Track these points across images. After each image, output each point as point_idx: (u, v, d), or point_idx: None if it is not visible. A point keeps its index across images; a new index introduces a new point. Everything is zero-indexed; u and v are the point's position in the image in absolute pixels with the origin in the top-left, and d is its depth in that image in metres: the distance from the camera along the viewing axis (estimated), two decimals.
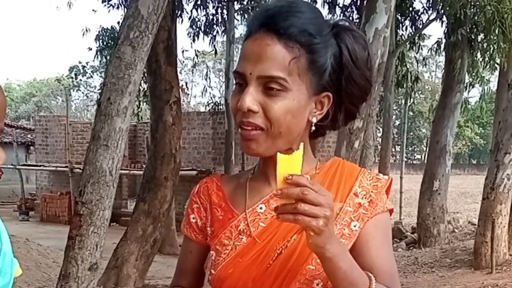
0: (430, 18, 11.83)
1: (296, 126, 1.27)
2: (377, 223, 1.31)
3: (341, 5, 11.63)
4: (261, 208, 1.35)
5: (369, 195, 1.33)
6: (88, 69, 17.34)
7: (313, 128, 1.32)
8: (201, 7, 11.29)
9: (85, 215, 4.71)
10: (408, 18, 12.03)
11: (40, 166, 17.25)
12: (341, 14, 11.30)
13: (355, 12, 11.52)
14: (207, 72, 17.50)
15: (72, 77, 19.36)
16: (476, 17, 10.23)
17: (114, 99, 4.68)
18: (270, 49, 1.24)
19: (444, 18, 11.17)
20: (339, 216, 1.30)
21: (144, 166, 12.64)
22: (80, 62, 20.38)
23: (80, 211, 4.72)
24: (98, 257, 4.81)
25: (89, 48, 12.48)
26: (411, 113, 38.90)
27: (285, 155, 1.12)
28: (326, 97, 1.30)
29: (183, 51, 14.56)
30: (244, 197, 1.39)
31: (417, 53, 14.62)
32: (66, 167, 15.75)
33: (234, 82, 1.33)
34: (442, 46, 11.78)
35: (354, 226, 1.30)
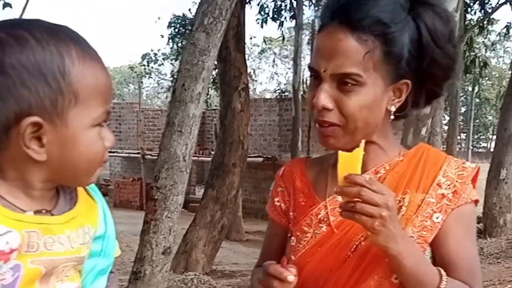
0: (500, 2, 11.35)
1: (373, 119, 1.25)
2: (460, 215, 1.28)
3: None
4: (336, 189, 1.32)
5: (454, 185, 1.29)
6: (159, 56, 17.67)
7: (392, 117, 1.29)
8: None
9: (160, 200, 4.77)
10: (477, 2, 11.59)
11: (114, 152, 17.70)
12: None
13: None
14: (274, 59, 17.46)
15: (144, 65, 19.81)
16: None
17: (188, 85, 4.70)
18: (343, 45, 1.20)
19: None
20: (421, 208, 1.27)
21: (212, 152, 12.81)
22: (151, 50, 20.82)
23: (154, 196, 4.78)
24: (171, 241, 4.88)
25: (161, 35, 12.69)
26: (477, 100, 37.58)
27: (346, 152, 1.15)
28: (405, 85, 1.26)
29: (251, 38, 14.58)
30: (326, 184, 1.38)
31: (485, 38, 14.07)
32: (138, 153, 16.09)
33: (310, 75, 1.30)
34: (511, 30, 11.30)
35: (437, 218, 1.27)
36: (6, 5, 7.61)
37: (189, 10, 12.42)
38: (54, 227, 1.01)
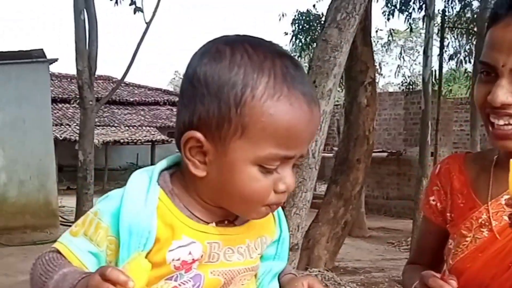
0: None
1: None
2: None
3: None
4: (505, 200, 1.23)
5: None
6: None
7: None
8: None
9: (288, 196, 4.79)
10: None
11: None
12: None
13: None
14: (401, 51, 16.98)
15: None
16: None
17: (319, 82, 4.68)
18: None
19: None
20: None
21: (333, 148, 12.76)
22: None
23: None
24: (299, 238, 4.90)
25: (285, 32, 12.76)
26: None
27: None
28: None
29: (376, 31, 14.27)
30: (488, 185, 1.30)
31: None
32: None
33: (479, 70, 1.23)
34: None
35: None
36: (137, 9, 8.04)
37: (314, 6, 12.35)
38: (236, 238, 1.03)
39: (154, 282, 0.96)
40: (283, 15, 13.55)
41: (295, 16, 12.25)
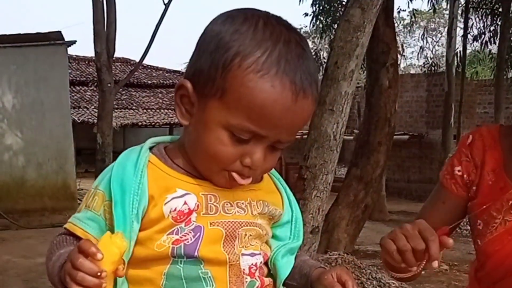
0: None
1: None
2: None
3: None
4: None
5: None
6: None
7: None
8: None
9: (309, 179, 4.73)
10: None
11: None
12: None
13: None
14: (423, 32, 16.69)
15: None
16: None
17: (341, 63, 4.58)
18: None
19: None
20: None
21: (354, 131, 12.62)
22: None
23: (304, 175, 4.75)
24: (320, 220, 4.84)
25: (305, 13, 12.60)
26: None
27: None
28: None
29: (398, 12, 14.03)
30: None
31: None
32: None
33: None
34: None
35: None
36: None
37: None
38: (234, 193, 1.05)
39: (157, 238, 1.00)
40: None
41: None
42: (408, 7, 22.07)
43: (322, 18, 11.81)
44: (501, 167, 1.27)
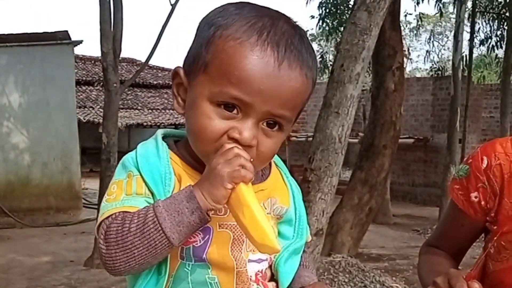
0: None
1: None
2: None
3: None
4: None
5: None
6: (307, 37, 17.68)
7: None
8: None
9: (313, 181, 4.73)
10: None
11: None
12: None
13: None
14: (430, 36, 16.66)
15: None
16: None
17: (347, 66, 4.58)
18: None
19: None
20: None
21: (358, 134, 12.58)
22: None
23: (308, 178, 4.75)
24: (324, 223, 4.84)
25: (311, 16, 12.59)
26: None
27: None
28: None
29: (405, 15, 14.01)
30: None
31: None
32: None
33: None
34: None
35: None
36: None
37: None
38: None
39: None
40: None
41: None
42: (415, 10, 22.04)
43: (328, 21, 11.78)
44: None
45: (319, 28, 12.19)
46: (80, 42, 10.84)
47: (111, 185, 1.02)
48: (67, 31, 10.44)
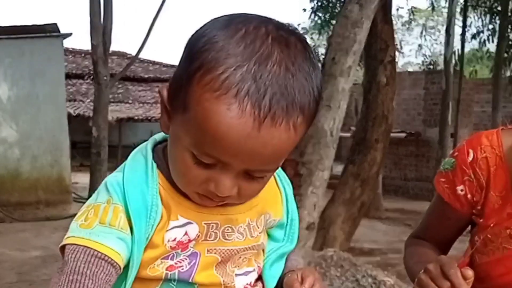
0: None
1: None
2: None
3: None
4: None
5: None
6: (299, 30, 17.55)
7: None
8: None
9: (305, 175, 4.72)
10: None
11: None
12: None
13: None
14: (422, 30, 16.66)
15: None
16: None
17: (339, 59, 4.57)
18: None
19: None
20: None
21: (350, 128, 12.57)
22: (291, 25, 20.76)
23: (300, 171, 4.74)
24: (315, 217, 4.84)
25: (303, 9, 12.59)
26: None
27: None
28: None
29: (397, 9, 14.02)
30: None
31: None
32: None
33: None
34: None
35: None
36: None
37: None
38: (237, 217, 0.98)
39: (150, 262, 0.94)
40: None
41: None
42: (407, 4, 22.04)
43: (320, 14, 11.77)
44: (508, 191, 1.21)
45: (311, 22, 12.19)
46: (70, 34, 10.73)
47: (89, 205, 0.94)
48: (56, 23, 10.32)
